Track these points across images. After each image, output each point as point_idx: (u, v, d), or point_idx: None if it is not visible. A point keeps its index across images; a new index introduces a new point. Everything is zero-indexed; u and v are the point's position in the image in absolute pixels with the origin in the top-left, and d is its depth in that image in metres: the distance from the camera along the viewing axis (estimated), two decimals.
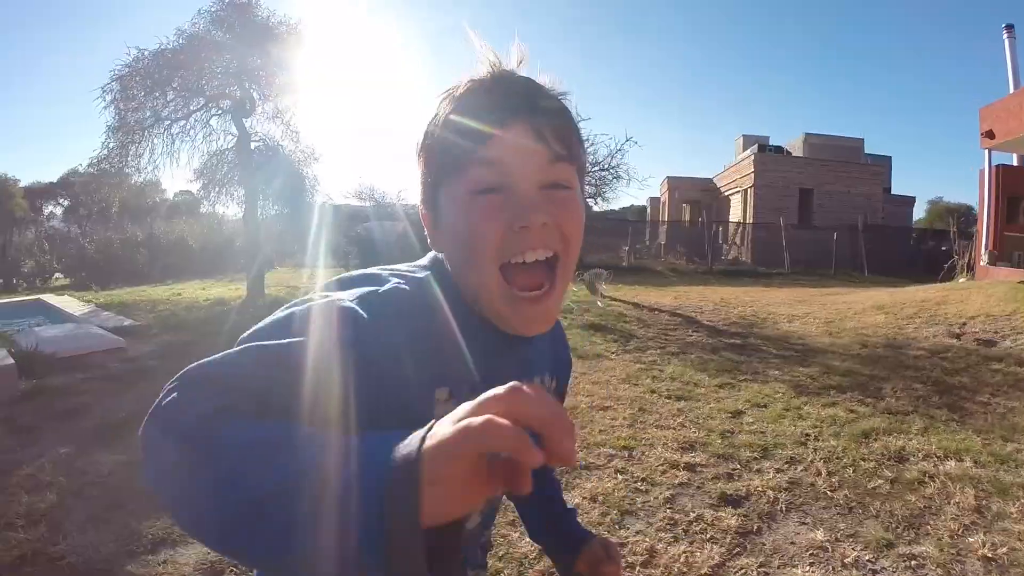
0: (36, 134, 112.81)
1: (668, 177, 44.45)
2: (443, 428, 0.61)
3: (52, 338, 8.91)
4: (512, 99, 0.98)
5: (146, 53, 16.07)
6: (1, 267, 25.08)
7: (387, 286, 0.99)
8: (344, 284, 1.02)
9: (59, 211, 63.73)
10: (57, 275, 25.79)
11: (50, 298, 15.69)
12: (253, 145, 16.86)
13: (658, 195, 48.55)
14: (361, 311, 0.92)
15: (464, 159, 0.97)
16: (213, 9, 16.40)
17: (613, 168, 17.99)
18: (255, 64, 16.58)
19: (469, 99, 0.99)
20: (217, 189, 17.60)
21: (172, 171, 17.63)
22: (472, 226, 0.97)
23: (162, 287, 20.96)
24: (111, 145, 16.46)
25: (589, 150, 17.48)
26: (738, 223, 35.73)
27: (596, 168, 17.88)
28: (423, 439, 0.60)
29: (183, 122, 17.03)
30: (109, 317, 11.76)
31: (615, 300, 14.85)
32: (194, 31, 16.32)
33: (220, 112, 17.24)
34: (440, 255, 1.11)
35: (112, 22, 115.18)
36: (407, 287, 1.01)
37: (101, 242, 26.31)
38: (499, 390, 0.63)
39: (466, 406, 0.63)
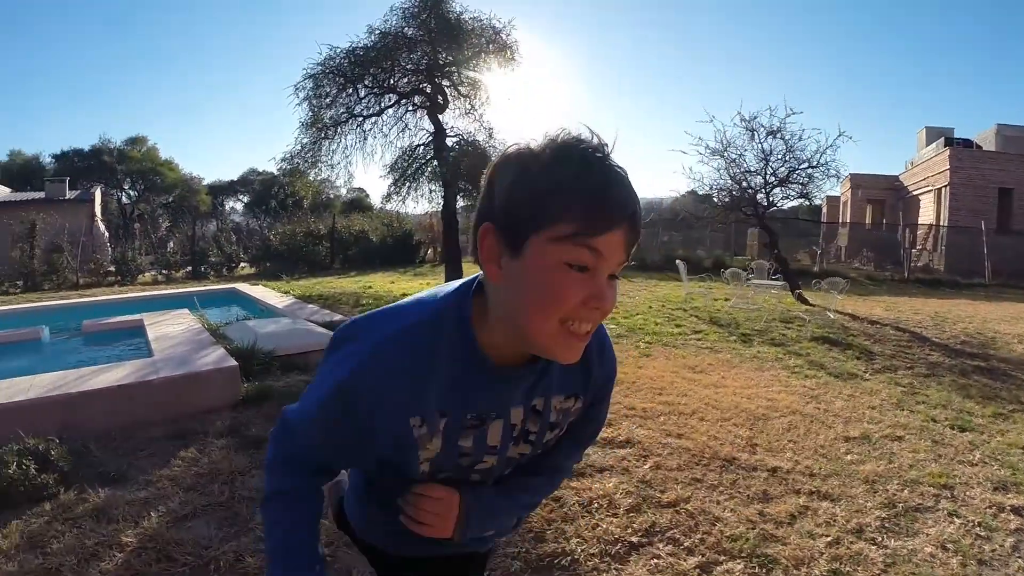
0: (217, 135, 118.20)
1: (851, 174, 41.48)
2: None
3: (270, 335, 8.43)
4: (625, 206, 1.12)
5: (338, 51, 16.26)
6: (191, 256, 26.00)
7: (383, 343, 1.27)
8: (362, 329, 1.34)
9: (239, 206, 67.18)
10: (243, 264, 26.51)
11: (243, 287, 15.70)
12: (450, 141, 16.78)
13: (835, 194, 45.76)
14: (358, 383, 1.25)
15: (578, 237, 1.09)
16: (406, 6, 16.36)
17: (823, 165, 16.89)
18: (448, 60, 16.51)
19: (592, 185, 1.10)
20: (408, 184, 17.60)
21: (365, 166, 17.67)
22: (558, 290, 1.12)
23: (347, 279, 21.11)
24: (304, 141, 16.73)
25: (797, 146, 16.69)
26: (930, 226, 31.90)
27: (804, 165, 16.90)
28: None
29: (375, 118, 17.19)
30: (315, 311, 11.45)
31: (828, 310, 13.77)
32: (386, 28, 16.37)
33: (413, 108, 17.31)
34: (480, 280, 1.31)
35: (297, 24, 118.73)
36: (405, 339, 1.26)
37: (285, 234, 26.99)
38: None
39: None
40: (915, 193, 35.64)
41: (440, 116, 16.61)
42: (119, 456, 5.11)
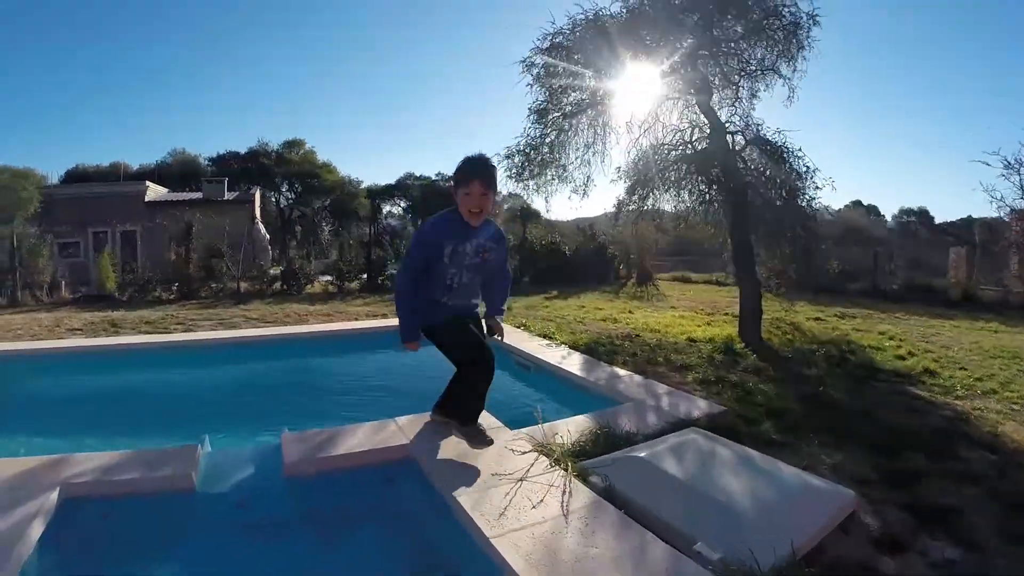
0: (374, 141, 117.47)
1: None
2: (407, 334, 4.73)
3: (735, 502, 3.82)
4: (475, 173, 4.48)
5: (580, 19, 11.72)
6: (367, 265, 22.39)
7: (436, 217, 4.70)
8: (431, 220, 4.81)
9: (396, 210, 64.57)
10: None
11: None
12: (736, 140, 11.81)
13: None
14: (427, 228, 4.72)
15: (464, 182, 4.48)
16: None
17: None
18: (719, 36, 11.73)
19: (464, 168, 4.53)
20: (642, 191, 12.65)
21: (603, 167, 12.67)
22: (464, 203, 4.50)
23: (555, 300, 17.17)
24: (531, 133, 12.33)
25: None
26: None
27: None
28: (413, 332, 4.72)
29: (623, 107, 12.47)
30: (639, 382, 7.06)
31: None
32: None
33: (678, 97, 12.51)
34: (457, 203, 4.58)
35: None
36: (445, 214, 4.65)
37: None
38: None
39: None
40: None
41: (713, 106, 11.75)
42: None
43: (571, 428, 5.30)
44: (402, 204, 63.90)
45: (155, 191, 36.85)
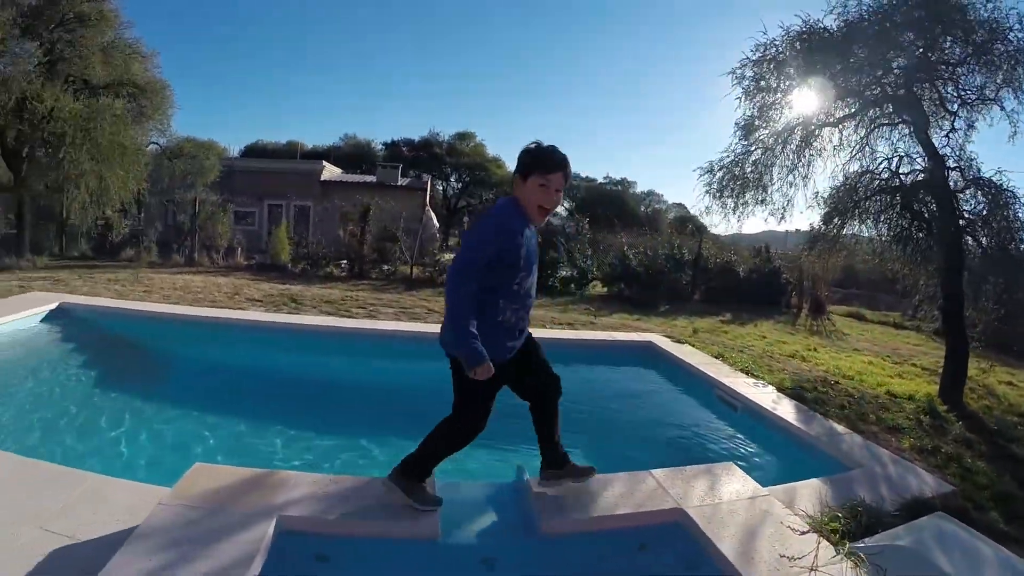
0: (543, 137, 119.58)
1: None
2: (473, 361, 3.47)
3: None
4: (558, 166, 3.73)
5: (791, 31, 11.05)
6: (541, 266, 21.63)
7: (501, 207, 3.85)
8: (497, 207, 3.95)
9: (559, 210, 64.89)
10: (595, 283, 22.35)
11: (660, 340, 11.11)
12: (956, 179, 10.78)
13: None
14: (504, 215, 3.74)
15: (545, 171, 3.70)
16: None
17: None
18: (941, 57, 10.80)
19: (550, 155, 3.76)
20: (839, 220, 11.77)
21: (804, 192, 11.87)
22: (538, 195, 3.72)
23: (730, 324, 16.37)
24: (736, 149, 11.78)
25: None
26: None
27: None
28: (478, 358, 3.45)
29: (828, 129, 11.76)
30: (778, 404, 7.32)
31: None
32: (860, 8, 10.86)
33: (888, 124, 11.71)
34: (516, 196, 3.85)
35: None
36: (511, 202, 3.83)
37: (645, 253, 22.35)
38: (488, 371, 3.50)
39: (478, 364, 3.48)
40: None
41: (931, 135, 10.80)
42: None
43: (809, 493, 5.07)
44: (566, 204, 63.63)
45: (330, 171, 38.33)
